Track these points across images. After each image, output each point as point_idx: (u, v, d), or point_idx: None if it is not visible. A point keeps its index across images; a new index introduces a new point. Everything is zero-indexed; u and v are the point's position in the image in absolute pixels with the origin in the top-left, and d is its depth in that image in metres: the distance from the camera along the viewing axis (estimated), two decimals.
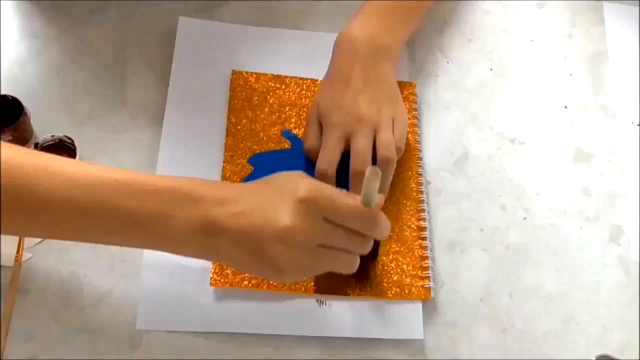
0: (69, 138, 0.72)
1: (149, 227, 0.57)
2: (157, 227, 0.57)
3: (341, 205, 0.58)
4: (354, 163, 0.71)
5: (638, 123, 0.84)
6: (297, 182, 0.58)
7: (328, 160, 0.71)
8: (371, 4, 0.77)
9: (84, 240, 0.60)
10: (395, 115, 0.74)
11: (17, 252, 0.68)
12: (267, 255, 0.56)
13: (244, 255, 0.57)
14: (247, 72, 0.80)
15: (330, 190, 0.58)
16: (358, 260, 0.61)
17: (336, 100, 0.73)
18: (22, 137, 0.72)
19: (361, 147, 0.71)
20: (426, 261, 0.72)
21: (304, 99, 0.79)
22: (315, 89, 0.79)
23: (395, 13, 0.78)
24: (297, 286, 0.69)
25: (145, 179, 0.57)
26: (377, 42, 0.75)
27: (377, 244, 0.68)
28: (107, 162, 0.73)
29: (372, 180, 0.56)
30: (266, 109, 0.78)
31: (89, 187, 0.55)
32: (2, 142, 0.56)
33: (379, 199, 0.60)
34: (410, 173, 0.76)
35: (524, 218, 0.77)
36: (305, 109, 0.78)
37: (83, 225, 0.57)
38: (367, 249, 0.61)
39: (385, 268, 0.71)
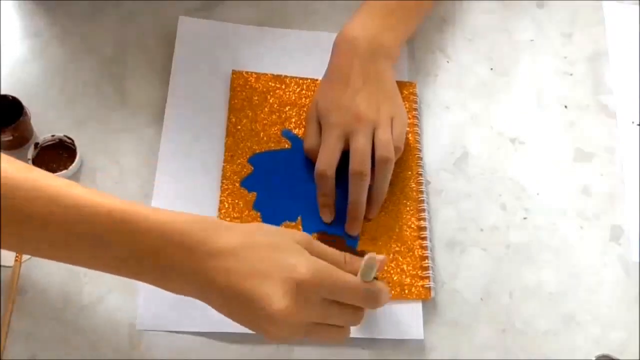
0: (69, 138, 0.72)
1: (140, 266, 0.55)
2: (148, 267, 0.55)
3: (341, 285, 0.57)
4: (353, 163, 0.71)
5: (638, 123, 0.84)
6: (297, 258, 0.56)
7: (327, 160, 0.71)
8: (371, 4, 0.77)
9: (77, 264, 0.58)
10: (395, 115, 0.74)
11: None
12: (255, 323, 0.56)
13: (232, 311, 0.56)
14: (247, 72, 0.80)
15: (328, 269, 0.56)
16: (349, 332, 0.62)
17: (335, 99, 0.73)
18: (22, 137, 0.72)
19: (360, 146, 0.71)
20: (426, 261, 0.72)
21: (304, 99, 0.79)
22: (316, 88, 0.79)
23: (395, 13, 0.78)
24: None
25: (140, 214, 0.54)
26: (377, 42, 0.75)
27: None
28: (107, 161, 0.74)
29: (371, 268, 0.56)
30: (266, 109, 0.78)
31: (83, 218, 0.53)
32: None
33: (379, 262, 0.58)
34: (410, 173, 0.76)
35: (524, 218, 0.77)
36: (305, 109, 0.78)
37: (72, 253, 0.56)
38: (359, 320, 0.61)
39: (385, 268, 0.71)
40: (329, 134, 0.72)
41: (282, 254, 0.56)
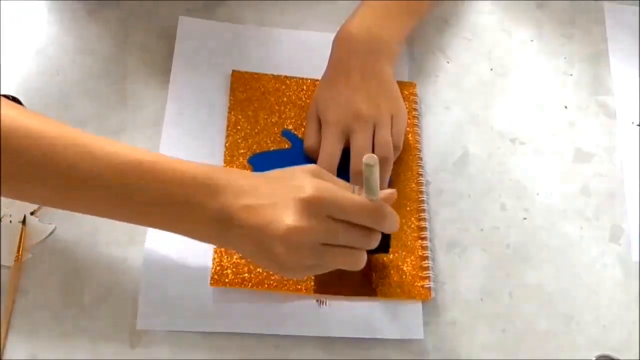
0: None
1: (167, 212, 0.59)
2: (174, 213, 0.59)
3: (345, 202, 0.58)
4: (354, 163, 0.71)
5: (638, 123, 0.84)
6: (303, 181, 0.59)
7: (328, 159, 0.71)
8: (370, 3, 0.77)
9: (102, 215, 0.61)
10: (394, 112, 0.74)
11: (17, 252, 0.68)
12: (271, 252, 0.57)
13: (251, 248, 0.59)
14: (247, 72, 0.80)
15: (333, 188, 0.59)
16: (365, 256, 0.61)
17: (334, 97, 0.73)
18: None
19: (361, 145, 0.71)
20: (426, 261, 0.72)
21: (304, 99, 0.79)
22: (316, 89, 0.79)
23: (394, 11, 0.78)
24: (297, 286, 0.69)
25: (168, 164, 0.59)
26: (375, 39, 0.75)
27: (387, 237, 0.67)
28: None
29: (370, 169, 0.56)
30: (266, 109, 0.78)
31: (112, 166, 0.57)
32: (30, 111, 0.58)
33: (390, 193, 0.61)
34: (410, 173, 0.76)
35: (524, 218, 0.77)
36: (305, 109, 0.78)
37: (101, 201, 0.59)
38: (374, 243, 0.61)
39: (386, 268, 0.71)
40: (329, 132, 0.72)
41: (291, 180, 0.59)
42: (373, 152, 0.71)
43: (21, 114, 0.58)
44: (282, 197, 0.58)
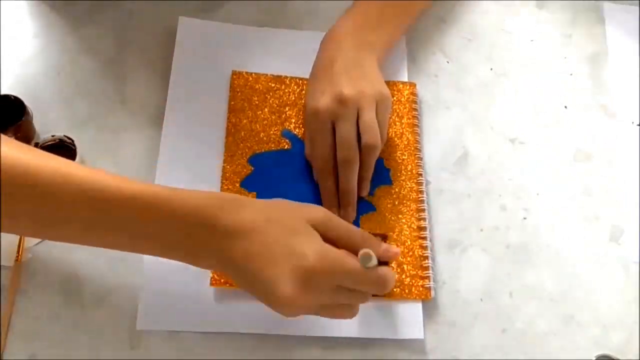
0: (69, 138, 0.72)
1: (161, 247, 0.59)
2: (170, 247, 0.59)
3: (348, 275, 0.58)
4: (340, 150, 0.70)
5: (638, 123, 0.84)
6: (306, 248, 0.57)
7: (321, 156, 0.71)
8: (361, 4, 0.77)
9: (95, 246, 0.61)
10: (378, 97, 0.72)
11: (17, 252, 0.68)
12: (265, 301, 0.58)
13: (247, 287, 0.59)
14: (247, 72, 0.80)
15: (337, 260, 0.58)
16: (358, 310, 0.62)
17: (318, 87, 0.72)
18: (25, 137, 0.72)
19: (345, 133, 0.70)
20: (426, 261, 0.72)
21: (304, 99, 0.79)
22: None
23: (383, 13, 0.77)
24: None
25: (159, 198, 0.57)
26: (361, 39, 0.75)
27: None
28: (107, 162, 0.73)
29: (366, 261, 0.57)
30: (266, 109, 0.78)
31: (103, 202, 0.56)
32: (16, 142, 0.56)
33: (394, 253, 0.61)
34: (410, 173, 0.76)
35: (524, 218, 0.77)
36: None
37: (93, 235, 0.59)
38: (367, 299, 0.61)
39: None
40: (317, 123, 0.71)
41: (293, 239, 0.58)
42: (359, 138, 0.70)
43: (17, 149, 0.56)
44: (280, 256, 0.57)
